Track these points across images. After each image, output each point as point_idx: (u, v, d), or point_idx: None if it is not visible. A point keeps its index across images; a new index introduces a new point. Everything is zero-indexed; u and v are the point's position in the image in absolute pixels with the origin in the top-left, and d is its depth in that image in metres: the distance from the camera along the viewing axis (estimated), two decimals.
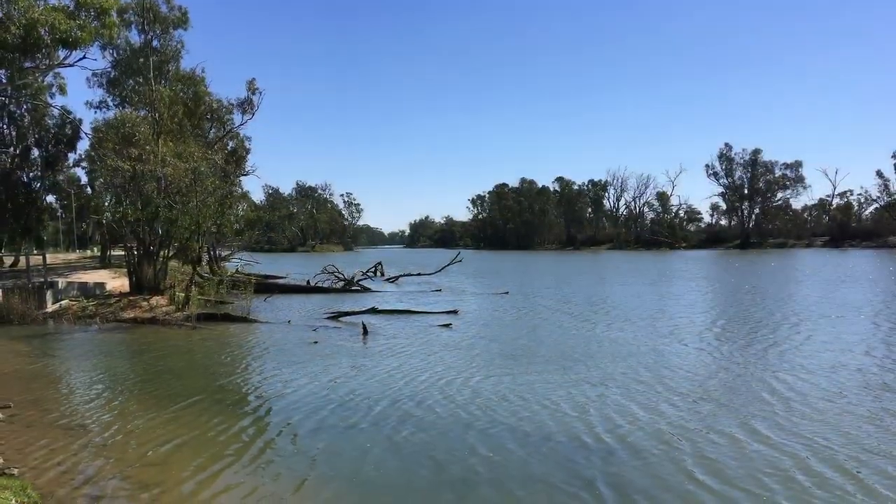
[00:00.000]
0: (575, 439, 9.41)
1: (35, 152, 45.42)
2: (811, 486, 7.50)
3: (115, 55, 34.45)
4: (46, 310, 25.15)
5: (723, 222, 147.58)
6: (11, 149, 43.77)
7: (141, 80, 32.88)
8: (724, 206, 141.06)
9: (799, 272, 49.47)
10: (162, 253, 29.69)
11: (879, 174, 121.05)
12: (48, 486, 7.77)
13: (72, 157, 48.17)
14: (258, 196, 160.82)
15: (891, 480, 7.64)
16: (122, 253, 34.73)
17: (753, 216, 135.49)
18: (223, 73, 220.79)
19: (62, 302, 26.38)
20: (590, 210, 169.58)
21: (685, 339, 18.43)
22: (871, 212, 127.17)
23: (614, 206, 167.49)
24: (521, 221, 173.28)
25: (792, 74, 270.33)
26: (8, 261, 42.00)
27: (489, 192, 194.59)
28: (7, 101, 41.01)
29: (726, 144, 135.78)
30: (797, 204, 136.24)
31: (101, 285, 30.14)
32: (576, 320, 23.03)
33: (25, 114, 43.23)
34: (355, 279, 40.93)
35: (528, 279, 48.06)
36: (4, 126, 43.48)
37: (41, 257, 29.10)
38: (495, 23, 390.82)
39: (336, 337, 19.93)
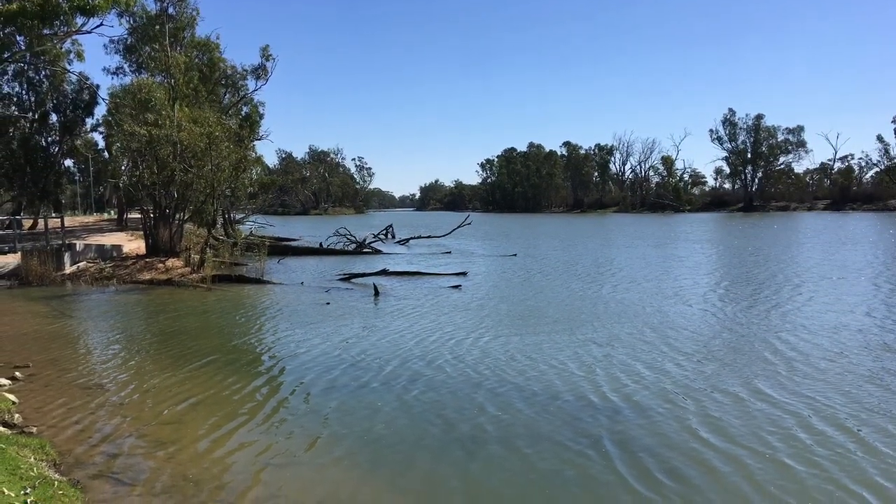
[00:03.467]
0: (582, 398, 9.57)
1: (53, 117, 45.70)
2: (813, 445, 7.62)
3: (131, 22, 34.28)
4: (65, 271, 25.55)
5: (726, 186, 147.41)
6: (30, 114, 44.00)
7: (157, 47, 32.80)
8: (727, 170, 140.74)
9: (801, 235, 49.25)
10: (177, 216, 30.00)
11: (880, 139, 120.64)
12: (66, 444, 7.96)
13: (89, 122, 48.51)
14: (272, 160, 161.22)
15: (891, 439, 7.75)
16: (139, 216, 35.07)
17: (756, 180, 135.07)
18: (235, 39, 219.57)
19: (80, 264, 26.76)
20: (596, 174, 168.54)
21: (690, 300, 18.53)
22: (871, 175, 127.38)
23: (620, 170, 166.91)
24: (529, 185, 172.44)
25: (795, 41, 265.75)
26: (27, 223, 42.45)
27: (498, 157, 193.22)
28: (26, 68, 41.06)
29: (730, 109, 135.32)
30: (799, 168, 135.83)
31: (118, 247, 30.51)
32: (582, 282, 23.13)
33: (44, 80, 43.38)
34: (367, 241, 41.23)
35: (536, 241, 48.07)
36: (23, 92, 43.77)
37: (59, 220, 29.40)
38: None
39: (348, 298, 20.15)
